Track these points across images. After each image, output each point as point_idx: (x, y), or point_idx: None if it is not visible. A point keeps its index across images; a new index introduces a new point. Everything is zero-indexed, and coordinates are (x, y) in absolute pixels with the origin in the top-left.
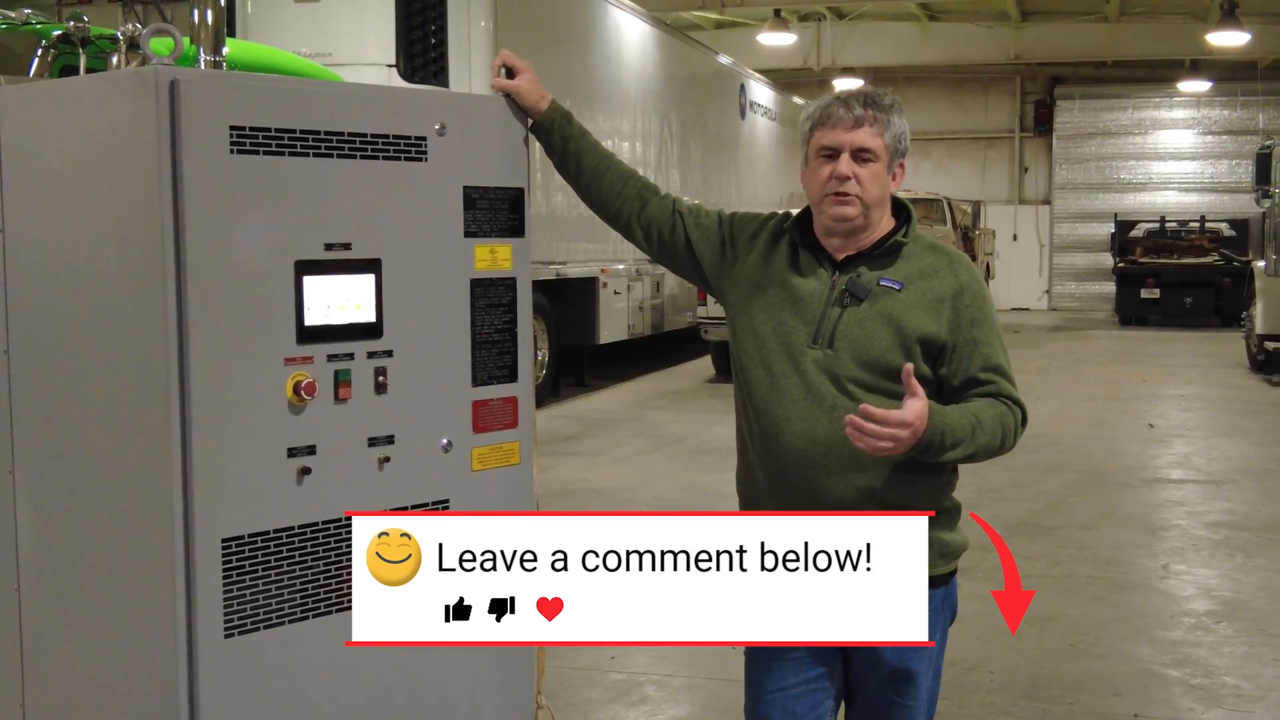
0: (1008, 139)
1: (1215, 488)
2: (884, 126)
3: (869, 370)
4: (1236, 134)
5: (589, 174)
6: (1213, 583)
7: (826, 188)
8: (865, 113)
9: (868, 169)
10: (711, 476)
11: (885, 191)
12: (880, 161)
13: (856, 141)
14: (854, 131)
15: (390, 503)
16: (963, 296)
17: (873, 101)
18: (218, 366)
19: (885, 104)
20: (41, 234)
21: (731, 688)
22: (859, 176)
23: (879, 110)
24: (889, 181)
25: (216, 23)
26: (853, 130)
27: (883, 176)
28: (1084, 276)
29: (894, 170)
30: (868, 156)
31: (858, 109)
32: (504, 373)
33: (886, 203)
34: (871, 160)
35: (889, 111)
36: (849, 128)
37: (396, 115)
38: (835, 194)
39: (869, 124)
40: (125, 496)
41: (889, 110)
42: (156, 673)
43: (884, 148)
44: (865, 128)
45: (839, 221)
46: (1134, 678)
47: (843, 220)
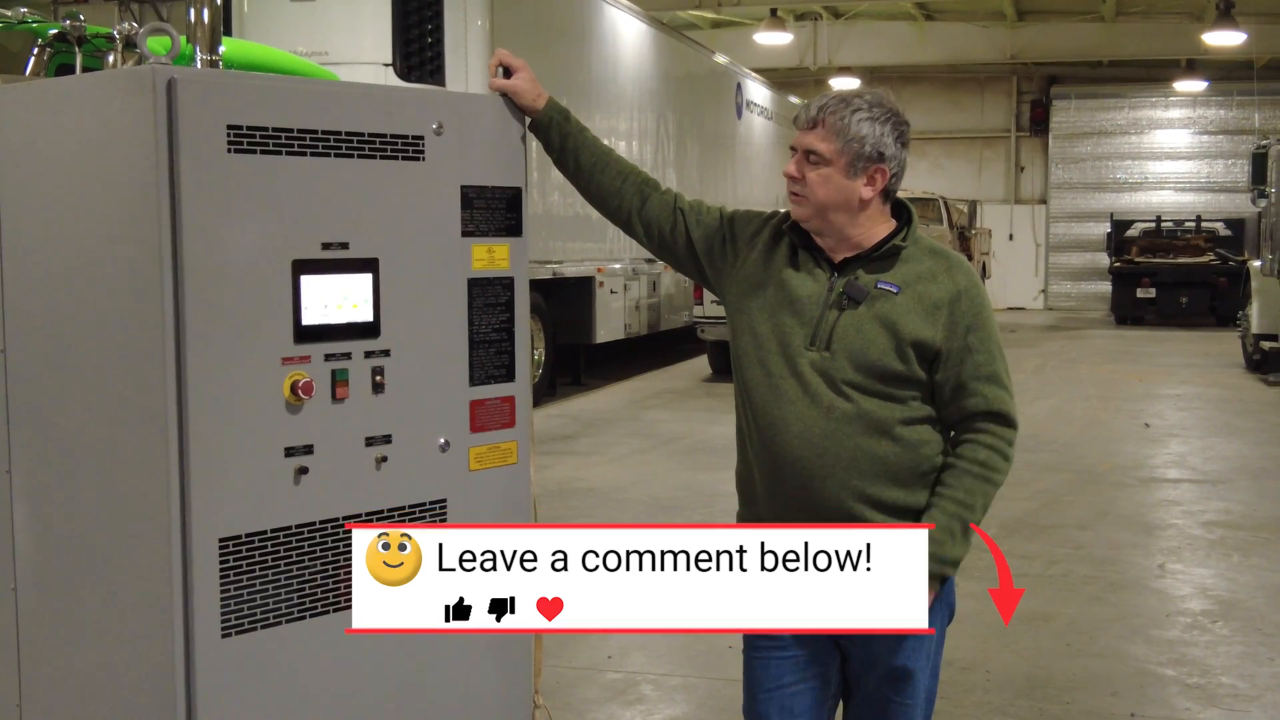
0: (1004, 138)
1: (1211, 487)
2: (838, 131)
3: (864, 373)
4: (1232, 133)
5: (588, 171)
6: (1209, 582)
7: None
8: (819, 116)
9: (817, 172)
10: (708, 475)
11: (843, 196)
12: (832, 165)
13: (805, 143)
14: (806, 134)
15: (388, 502)
16: (960, 302)
17: (835, 106)
18: (215, 366)
19: (856, 106)
20: (38, 233)
21: (728, 687)
22: (807, 178)
23: (837, 115)
24: (850, 186)
25: (213, 21)
26: (805, 132)
27: (835, 180)
28: (1080, 276)
29: (861, 175)
30: (816, 160)
31: (814, 111)
32: (501, 372)
33: (852, 208)
34: (821, 164)
35: (850, 115)
36: (803, 129)
37: (393, 114)
38: (790, 192)
39: (820, 126)
40: (122, 496)
41: (852, 113)
42: (153, 672)
43: (835, 151)
44: (816, 130)
45: (796, 219)
46: (1130, 677)
47: (798, 218)
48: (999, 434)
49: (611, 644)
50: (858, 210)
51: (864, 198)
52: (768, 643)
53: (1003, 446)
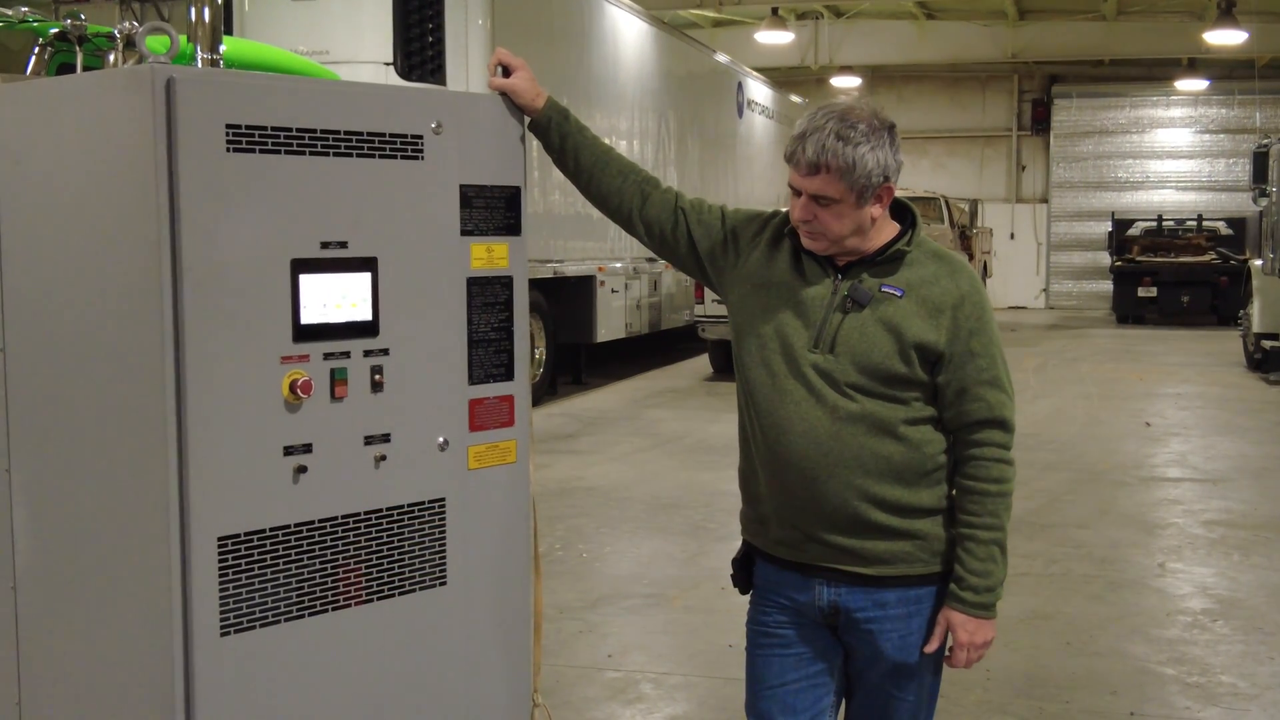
0: (1005, 137)
1: (1212, 486)
2: (844, 172)
3: (868, 376)
4: (1234, 132)
5: (588, 170)
6: (1209, 581)
7: (796, 219)
8: (820, 159)
9: (829, 210)
10: (708, 475)
11: (857, 224)
12: (844, 203)
13: (811, 189)
14: (809, 179)
15: (386, 501)
16: (963, 306)
17: (833, 146)
18: (214, 365)
19: (854, 140)
20: (38, 232)
21: (728, 686)
22: (819, 217)
23: (839, 156)
24: (863, 214)
25: (213, 21)
26: (807, 177)
27: (849, 214)
28: (1081, 275)
29: (871, 200)
30: (825, 202)
31: (811, 153)
32: (500, 371)
33: (865, 229)
34: (830, 204)
35: (853, 151)
36: (803, 174)
37: (393, 113)
38: (803, 231)
39: (824, 172)
40: (121, 495)
41: (854, 149)
42: (153, 671)
43: (844, 191)
44: (820, 175)
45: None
46: (1130, 676)
47: (815, 250)
48: (1002, 442)
49: (611, 643)
50: (869, 228)
51: (874, 216)
52: (771, 640)
53: (1007, 455)
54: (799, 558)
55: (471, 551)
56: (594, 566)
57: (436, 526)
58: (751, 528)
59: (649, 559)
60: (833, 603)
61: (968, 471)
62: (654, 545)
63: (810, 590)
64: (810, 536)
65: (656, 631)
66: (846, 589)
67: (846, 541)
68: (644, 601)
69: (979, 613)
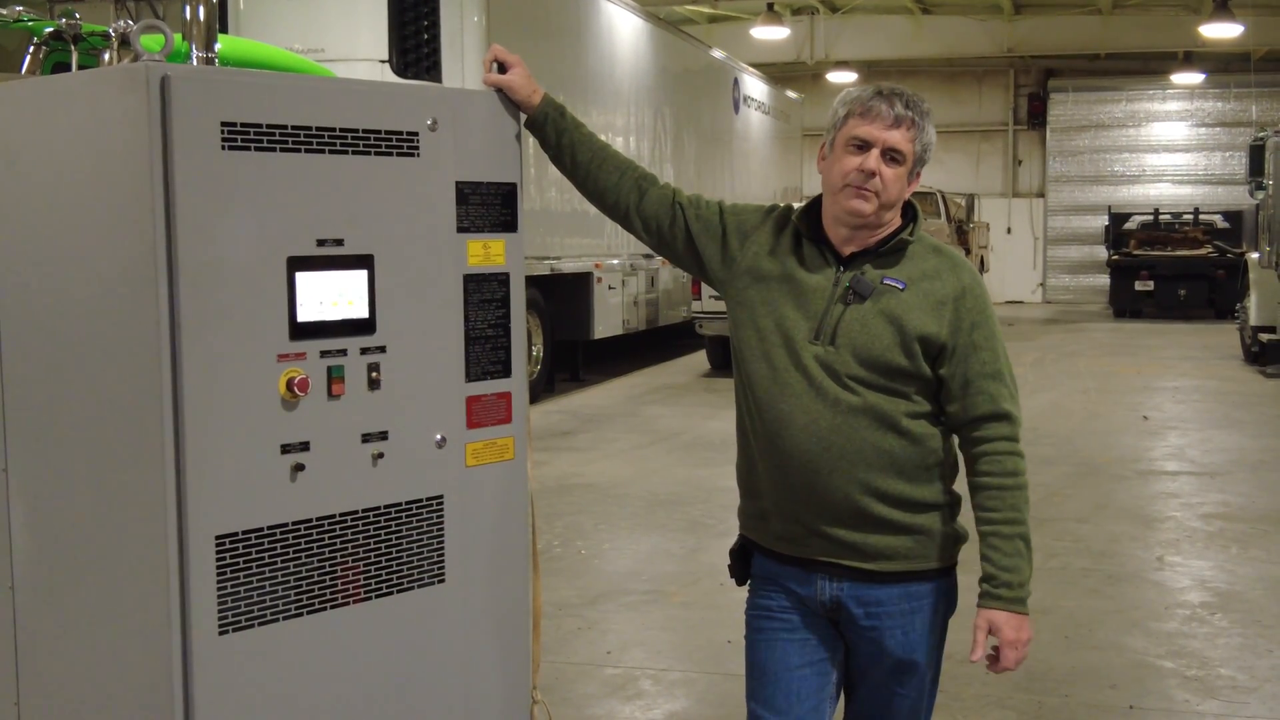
0: (1001, 132)
1: (1210, 479)
2: (918, 132)
3: (869, 368)
4: (1230, 126)
5: (585, 166)
6: (1207, 574)
7: (849, 178)
8: (906, 114)
9: (894, 170)
10: (706, 471)
11: (900, 196)
12: (906, 165)
13: (891, 141)
14: (891, 130)
15: (384, 499)
16: (964, 300)
17: (914, 105)
18: (210, 363)
19: (924, 109)
20: (33, 231)
21: (727, 681)
22: (884, 175)
23: (918, 115)
24: (907, 188)
25: (208, 19)
26: (890, 129)
27: (903, 180)
28: (1078, 269)
29: (913, 177)
30: (897, 158)
31: (900, 108)
32: (498, 368)
33: (898, 205)
34: (900, 163)
35: (925, 118)
36: (887, 125)
37: (388, 110)
38: (857, 186)
39: (907, 126)
40: (118, 493)
41: (925, 117)
42: (151, 670)
43: (913, 154)
44: (903, 129)
45: (852, 215)
46: (1129, 669)
47: (856, 214)
48: (1010, 435)
49: (610, 639)
50: (898, 206)
51: (906, 195)
52: (774, 623)
53: (1017, 447)
54: (800, 552)
55: (470, 549)
56: (592, 563)
57: (434, 524)
58: (751, 523)
59: (647, 555)
60: (835, 598)
61: (980, 468)
62: (652, 541)
63: (812, 585)
64: (812, 531)
65: (655, 628)
66: (849, 585)
67: (849, 536)
68: (643, 598)
69: (1017, 608)
